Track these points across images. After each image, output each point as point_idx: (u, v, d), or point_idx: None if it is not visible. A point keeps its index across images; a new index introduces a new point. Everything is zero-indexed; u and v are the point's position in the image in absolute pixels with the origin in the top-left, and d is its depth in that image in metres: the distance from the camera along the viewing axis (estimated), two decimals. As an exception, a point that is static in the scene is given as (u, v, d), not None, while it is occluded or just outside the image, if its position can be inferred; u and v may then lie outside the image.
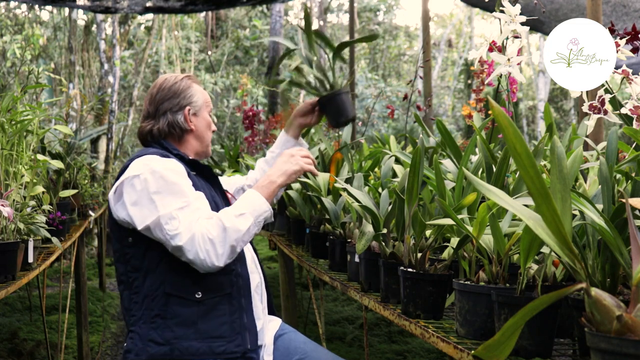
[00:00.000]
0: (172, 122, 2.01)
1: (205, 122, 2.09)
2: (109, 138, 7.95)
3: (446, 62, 18.06)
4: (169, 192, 1.76)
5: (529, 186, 0.98)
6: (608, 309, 0.94)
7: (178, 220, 1.72)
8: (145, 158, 1.84)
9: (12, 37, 9.32)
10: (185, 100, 2.04)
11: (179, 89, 2.05)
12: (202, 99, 2.09)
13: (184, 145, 2.05)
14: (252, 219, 1.77)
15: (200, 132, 2.07)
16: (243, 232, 1.74)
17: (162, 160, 1.83)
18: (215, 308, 1.78)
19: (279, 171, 1.93)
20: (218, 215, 1.75)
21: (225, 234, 1.71)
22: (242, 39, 13.98)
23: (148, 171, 1.78)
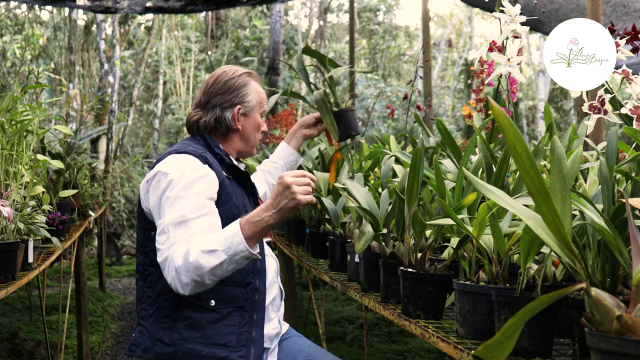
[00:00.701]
0: (220, 118, 1.97)
1: (255, 123, 2.04)
2: (109, 138, 7.95)
3: (446, 62, 18.05)
4: (177, 202, 1.70)
5: (529, 186, 0.98)
6: (608, 309, 0.94)
7: (167, 236, 1.68)
8: (181, 158, 1.80)
9: (12, 37, 9.32)
10: (237, 98, 1.99)
11: (233, 85, 2.00)
12: (257, 99, 2.03)
13: (228, 143, 2.01)
14: (224, 257, 1.61)
15: (247, 133, 2.03)
16: (207, 269, 1.60)
17: (195, 168, 1.78)
18: (227, 318, 1.77)
19: (274, 207, 1.65)
20: (190, 245, 1.64)
21: (187, 267, 1.61)
22: (242, 39, 13.98)
23: (177, 174, 1.75)
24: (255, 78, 2.07)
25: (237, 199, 1.86)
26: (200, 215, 1.70)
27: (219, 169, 1.86)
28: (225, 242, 1.61)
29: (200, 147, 1.89)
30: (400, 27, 18.04)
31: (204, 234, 1.67)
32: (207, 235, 1.67)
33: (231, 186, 1.86)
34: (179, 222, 1.68)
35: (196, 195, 1.72)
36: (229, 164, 1.91)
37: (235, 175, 1.92)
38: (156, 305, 1.78)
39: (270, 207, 1.65)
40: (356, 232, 2.26)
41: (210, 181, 1.78)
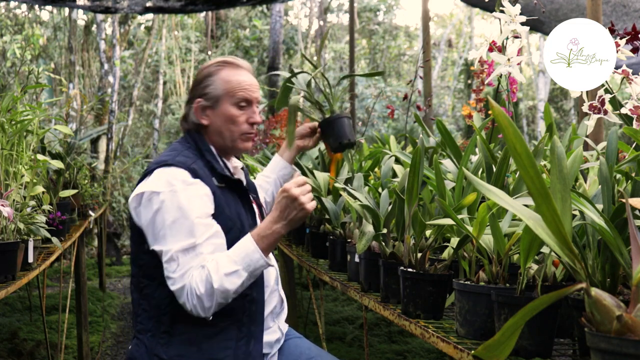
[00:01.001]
0: (187, 114, 1.89)
1: (225, 115, 1.85)
2: (109, 138, 7.95)
3: (446, 62, 18.05)
4: (180, 228, 1.65)
5: (529, 186, 0.98)
6: (608, 309, 0.94)
7: (177, 264, 1.64)
8: (170, 173, 1.71)
9: (12, 37, 9.32)
10: (198, 90, 1.88)
11: (198, 78, 1.90)
12: (223, 88, 1.85)
13: (209, 140, 1.89)
14: (245, 275, 1.64)
15: (217, 127, 1.86)
16: (232, 290, 1.63)
17: (186, 183, 1.70)
18: (223, 332, 1.72)
19: (283, 219, 1.68)
20: (208, 271, 1.62)
21: (212, 292, 1.61)
22: (242, 39, 13.98)
23: (169, 192, 1.68)
24: (230, 66, 1.89)
25: (230, 210, 1.78)
26: (207, 238, 1.67)
27: (210, 179, 1.77)
28: (245, 260, 1.64)
29: (190, 155, 1.80)
30: (400, 27, 18.04)
31: (216, 255, 1.66)
32: (220, 256, 1.66)
33: (223, 196, 1.78)
34: (187, 248, 1.64)
35: (197, 217, 1.67)
36: (220, 173, 1.81)
37: (228, 183, 1.83)
38: (153, 320, 1.74)
39: (280, 219, 1.68)
40: (356, 232, 2.26)
41: (205, 198, 1.72)
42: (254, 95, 1.89)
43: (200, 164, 1.78)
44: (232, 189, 1.83)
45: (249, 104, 1.88)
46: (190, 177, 1.72)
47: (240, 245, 1.68)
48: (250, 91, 1.88)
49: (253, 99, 1.89)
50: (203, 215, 1.69)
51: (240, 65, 1.91)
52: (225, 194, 1.79)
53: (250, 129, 1.89)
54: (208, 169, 1.79)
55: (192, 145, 1.85)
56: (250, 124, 1.88)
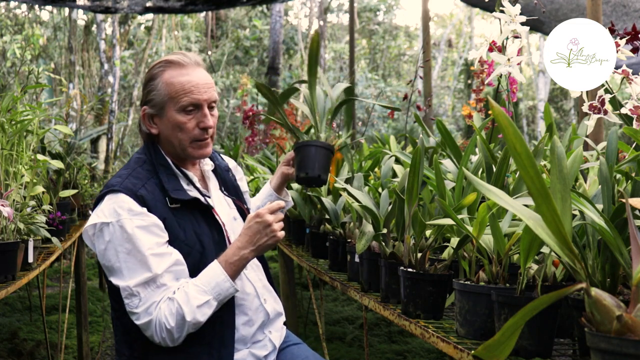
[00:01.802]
0: (140, 124, 1.76)
1: (171, 123, 1.69)
2: (109, 138, 7.96)
3: (446, 62, 18.06)
4: (134, 261, 1.57)
5: (529, 186, 0.98)
6: (608, 309, 0.94)
7: (138, 299, 1.57)
8: (117, 201, 1.60)
9: (12, 37, 9.32)
10: (144, 97, 1.74)
11: (145, 81, 1.76)
12: (166, 92, 1.68)
13: (164, 150, 1.75)
14: (216, 304, 1.59)
15: (166, 135, 1.71)
16: (203, 320, 1.58)
17: (133, 213, 1.59)
18: (194, 358, 1.65)
19: (252, 244, 1.61)
20: (176, 303, 1.55)
21: (183, 324, 1.56)
22: (242, 39, 13.98)
23: (117, 223, 1.58)
24: (173, 66, 1.70)
25: (186, 233, 1.65)
26: (166, 269, 1.59)
27: (161, 203, 1.64)
28: (215, 289, 1.58)
29: (142, 175, 1.67)
30: (400, 27, 18.05)
31: (183, 284, 1.59)
32: (188, 286, 1.58)
33: (177, 219, 1.65)
34: (146, 281, 1.57)
35: (149, 249, 1.57)
36: (171, 197, 1.66)
37: (183, 204, 1.68)
38: (127, 345, 1.70)
39: (248, 244, 1.60)
40: (356, 232, 2.26)
41: (153, 228, 1.60)
42: (202, 97, 1.69)
43: (152, 186, 1.66)
44: (190, 207, 1.69)
45: (198, 108, 1.69)
46: (137, 206, 1.60)
47: (208, 273, 1.60)
48: (197, 93, 1.68)
49: (201, 101, 1.69)
50: (155, 246, 1.59)
51: (185, 63, 1.71)
52: (181, 215, 1.66)
53: (202, 135, 1.70)
54: (160, 189, 1.66)
55: (148, 159, 1.72)
56: (202, 129, 1.70)
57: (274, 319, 1.84)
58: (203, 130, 1.70)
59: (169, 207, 1.65)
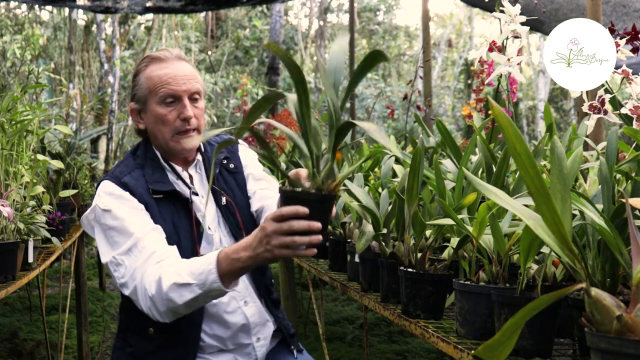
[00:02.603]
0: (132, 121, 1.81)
1: (153, 117, 1.71)
2: (109, 138, 7.96)
3: (446, 62, 18.06)
4: (115, 233, 1.60)
5: (529, 186, 0.98)
6: (608, 309, 0.94)
7: (124, 267, 1.57)
8: (105, 187, 1.68)
9: (12, 37, 9.32)
10: (131, 93, 1.78)
11: (132, 79, 1.79)
12: (146, 86, 1.71)
13: (154, 144, 1.78)
14: (199, 292, 1.46)
15: (151, 130, 1.74)
16: (180, 303, 1.47)
17: (114, 196, 1.64)
18: (162, 350, 1.67)
19: (251, 250, 1.40)
20: (163, 271, 1.50)
21: (161, 297, 1.49)
22: (242, 39, 13.98)
23: (99, 206, 1.64)
24: (154, 62, 1.73)
25: (165, 223, 1.66)
26: (147, 232, 1.59)
27: (144, 191, 1.68)
28: (200, 276, 1.45)
29: (130, 165, 1.73)
30: (400, 27, 18.04)
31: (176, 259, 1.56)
32: (181, 262, 1.53)
33: (159, 208, 1.67)
34: (129, 248, 1.57)
35: (128, 218, 1.60)
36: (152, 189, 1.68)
37: (166, 193, 1.70)
38: (120, 335, 1.76)
39: (249, 248, 1.40)
40: (356, 232, 2.26)
41: (135, 210, 1.64)
42: (180, 89, 1.69)
43: (137, 174, 1.71)
44: (172, 199, 1.71)
45: (177, 99, 1.69)
46: (119, 190, 1.65)
47: (204, 259, 1.49)
48: (175, 84, 1.69)
49: (180, 92, 1.69)
50: (132, 215, 1.62)
51: (165, 57, 1.73)
52: (162, 205, 1.68)
53: (183, 126, 1.70)
54: (144, 179, 1.70)
55: (139, 152, 1.77)
56: (182, 120, 1.69)
57: (258, 326, 1.76)
58: (184, 122, 1.69)
59: (152, 196, 1.68)
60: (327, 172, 1.24)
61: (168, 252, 1.58)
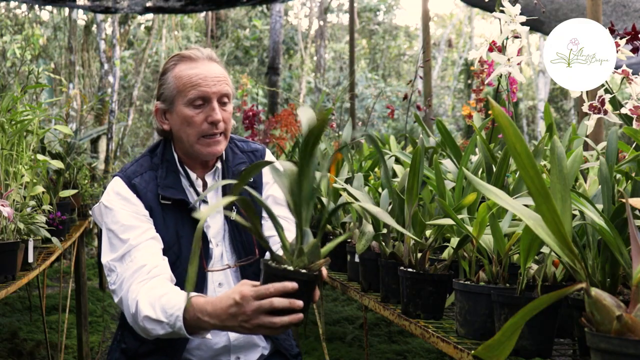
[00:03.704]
0: (155, 120, 1.74)
1: (180, 117, 1.65)
2: (109, 138, 7.95)
3: (446, 62, 18.05)
4: (113, 235, 1.60)
5: (529, 186, 0.98)
6: (608, 309, 0.94)
7: (116, 274, 1.57)
8: (115, 184, 1.67)
9: (12, 37, 9.32)
10: (157, 92, 1.72)
11: (159, 78, 1.73)
12: (175, 86, 1.65)
13: (176, 147, 1.74)
14: (169, 330, 1.42)
15: (176, 131, 1.68)
16: (154, 335, 1.46)
17: (120, 196, 1.64)
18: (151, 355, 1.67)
19: (218, 321, 1.32)
20: (141, 297, 1.47)
21: (137, 321, 1.48)
22: (242, 39, 13.98)
23: (104, 204, 1.65)
24: (185, 61, 1.66)
25: (168, 231, 1.64)
26: (141, 242, 1.57)
27: (152, 195, 1.65)
28: (171, 318, 1.41)
29: (145, 165, 1.70)
30: (400, 27, 18.04)
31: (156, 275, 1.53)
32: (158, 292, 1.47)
33: (164, 214, 1.65)
34: (122, 255, 1.57)
35: (126, 222, 1.59)
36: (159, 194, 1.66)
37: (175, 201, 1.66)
38: (119, 329, 1.78)
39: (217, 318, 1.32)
40: (356, 232, 2.26)
41: (134, 207, 1.63)
42: (210, 90, 1.63)
43: (149, 176, 1.68)
44: (179, 207, 1.67)
45: (207, 101, 1.64)
46: (128, 191, 1.64)
47: (177, 299, 1.43)
48: (205, 86, 1.63)
49: (210, 94, 1.63)
50: (132, 219, 1.60)
51: (196, 57, 1.67)
52: (168, 212, 1.66)
53: (210, 129, 1.64)
54: (156, 182, 1.67)
55: (158, 151, 1.74)
56: (210, 123, 1.64)
57: (242, 350, 1.70)
58: (212, 125, 1.64)
59: (159, 201, 1.66)
60: (312, 250, 1.19)
61: (158, 267, 1.55)
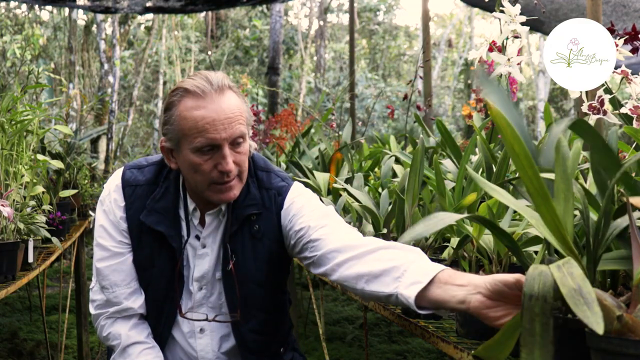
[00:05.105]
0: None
1: (186, 162, 1.46)
2: (109, 138, 7.96)
3: (446, 62, 18.05)
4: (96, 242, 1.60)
5: (528, 187, 0.98)
6: (608, 309, 0.94)
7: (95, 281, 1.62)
8: (112, 178, 1.61)
9: (12, 37, 9.32)
10: (162, 128, 1.51)
11: (163, 108, 1.53)
12: (180, 128, 1.43)
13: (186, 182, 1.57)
14: None
15: (184, 174, 1.51)
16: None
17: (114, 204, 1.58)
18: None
19: None
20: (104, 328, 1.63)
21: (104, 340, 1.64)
22: (242, 39, 13.98)
23: (103, 192, 1.62)
24: (190, 96, 1.42)
25: (143, 251, 1.56)
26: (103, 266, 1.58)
27: (137, 209, 1.55)
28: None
29: (149, 175, 1.58)
30: (400, 27, 18.04)
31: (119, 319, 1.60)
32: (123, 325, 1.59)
33: (142, 235, 1.55)
34: (96, 267, 1.59)
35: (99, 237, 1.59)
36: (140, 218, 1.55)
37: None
38: None
39: None
40: (356, 232, 2.26)
41: (112, 222, 1.58)
42: (219, 136, 1.41)
43: (141, 192, 1.57)
44: (160, 234, 1.56)
45: (216, 148, 1.43)
46: (118, 192, 1.57)
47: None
48: (213, 132, 1.41)
49: (219, 140, 1.42)
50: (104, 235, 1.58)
51: (204, 92, 1.42)
52: (149, 235, 1.55)
53: (221, 178, 1.45)
54: (143, 203, 1.56)
55: (172, 174, 1.58)
56: (220, 172, 1.44)
57: None
58: (222, 174, 1.44)
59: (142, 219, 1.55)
60: None
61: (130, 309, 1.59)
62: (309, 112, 5.91)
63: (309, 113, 5.41)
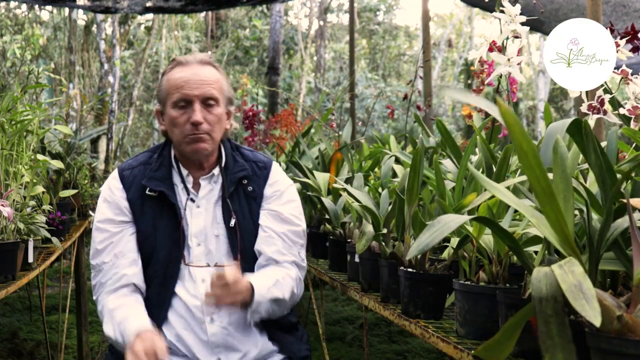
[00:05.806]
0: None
1: (168, 119, 1.73)
2: (109, 138, 7.96)
3: (446, 62, 18.04)
4: (94, 232, 1.75)
5: (534, 185, 0.98)
6: (608, 309, 0.94)
7: (94, 272, 1.74)
8: (112, 174, 1.82)
9: (12, 37, 9.32)
10: (156, 92, 1.85)
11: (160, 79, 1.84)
12: (165, 89, 1.74)
13: (174, 147, 1.81)
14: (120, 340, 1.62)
15: (169, 132, 1.76)
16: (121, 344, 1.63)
17: (110, 191, 1.77)
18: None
19: None
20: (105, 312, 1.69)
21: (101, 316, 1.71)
22: (242, 39, 13.98)
23: (103, 187, 1.80)
24: (177, 65, 1.75)
25: (145, 222, 1.73)
26: (106, 248, 1.72)
27: (136, 188, 1.75)
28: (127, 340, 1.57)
29: (142, 158, 1.81)
30: (400, 27, 18.03)
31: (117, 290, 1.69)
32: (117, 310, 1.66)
33: (144, 206, 1.73)
34: (93, 255, 1.73)
35: (99, 222, 1.74)
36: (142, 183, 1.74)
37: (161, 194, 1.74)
38: None
39: None
40: (356, 232, 2.26)
41: (113, 205, 1.75)
42: (192, 93, 1.69)
43: (138, 171, 1.78)
44: (162, 200, 1.74)
45: (189, 103, 1.70)
46: (115, 182, 1.78)
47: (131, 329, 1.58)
48: (187, 88, 1.69)
49: (191, 96, 1.69)
50: (105, 220, 1.74)
51: (187, 61, 1.74)
52: (150, 204, 1.74)
53: (192, 130, 1.69)
54: (143, 176, 1.76)
55: (159, 150, 1.83)
56: (192, 124, 1.68)
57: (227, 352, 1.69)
58: (193, 126, 1.69)
59: (145, 193, 1.74)
60: None
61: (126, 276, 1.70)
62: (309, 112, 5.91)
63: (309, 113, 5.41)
